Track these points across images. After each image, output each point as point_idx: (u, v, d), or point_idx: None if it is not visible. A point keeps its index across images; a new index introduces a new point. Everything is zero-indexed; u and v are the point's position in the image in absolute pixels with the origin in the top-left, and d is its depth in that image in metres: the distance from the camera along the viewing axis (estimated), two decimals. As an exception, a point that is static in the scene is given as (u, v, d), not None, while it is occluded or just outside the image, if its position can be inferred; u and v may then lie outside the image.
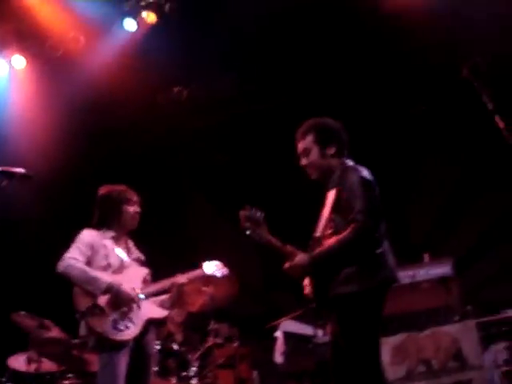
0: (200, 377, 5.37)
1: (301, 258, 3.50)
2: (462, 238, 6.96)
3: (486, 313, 5.43)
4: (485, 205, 7.05)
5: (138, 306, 4.03)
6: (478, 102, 3.34)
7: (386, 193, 3.63)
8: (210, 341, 5.19)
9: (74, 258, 4.00)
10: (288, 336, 5.58)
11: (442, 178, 7.36)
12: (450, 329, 4.93)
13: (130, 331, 3.94)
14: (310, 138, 3.68)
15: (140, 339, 4.03)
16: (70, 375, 5.52)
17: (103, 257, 4.11)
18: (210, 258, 4.55)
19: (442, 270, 5.14)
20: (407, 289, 5.17)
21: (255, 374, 6.05)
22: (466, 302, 5.26)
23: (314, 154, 3.67)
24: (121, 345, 3.90)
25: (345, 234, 3.40)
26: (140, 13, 7.10)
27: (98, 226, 4.26)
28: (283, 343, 5.57)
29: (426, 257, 5.40)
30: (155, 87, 7.73)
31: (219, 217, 8.12)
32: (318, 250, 3.51)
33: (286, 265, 3.55)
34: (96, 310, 3.90)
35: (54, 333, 5.50)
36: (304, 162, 3.72)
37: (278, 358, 5.77)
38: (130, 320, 3.97)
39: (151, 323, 4.11)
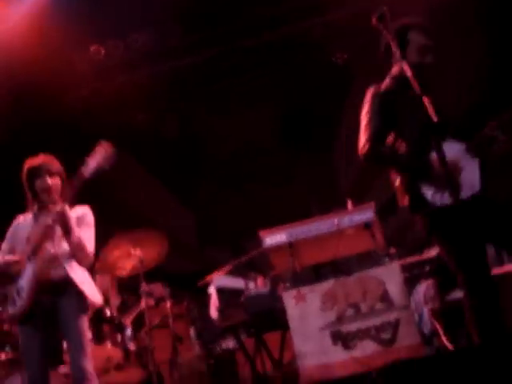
0: (136, 339, 5.39)
1: None
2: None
3: (409, 254, 5.63)
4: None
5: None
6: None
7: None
8: (143, 303, 5.20)
9: None
10: (221, 291, 5.62)
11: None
12: (376, 272, 5.03)
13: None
14: None
15: (51, 307, 4.00)
16: (6, 349, 5.46)
17: (24, 241, 4.14)
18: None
19: (365, 215, 5.22)
20: (334, 236, 5.24)
21: (192, 330, 6.11)
22: (389, 245, 5.40)
23: None
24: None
25: None
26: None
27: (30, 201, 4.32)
28: (217, 298, 5.63)
29: (349, 203, 5.47)
30: (71, 48, 7.42)
31: (149, 177, 8.01)
32: None
33: None
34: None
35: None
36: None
37: (214, 313, 5.82)
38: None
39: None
